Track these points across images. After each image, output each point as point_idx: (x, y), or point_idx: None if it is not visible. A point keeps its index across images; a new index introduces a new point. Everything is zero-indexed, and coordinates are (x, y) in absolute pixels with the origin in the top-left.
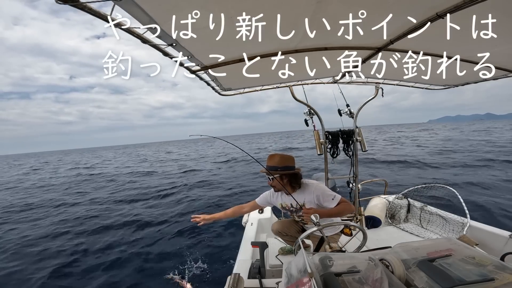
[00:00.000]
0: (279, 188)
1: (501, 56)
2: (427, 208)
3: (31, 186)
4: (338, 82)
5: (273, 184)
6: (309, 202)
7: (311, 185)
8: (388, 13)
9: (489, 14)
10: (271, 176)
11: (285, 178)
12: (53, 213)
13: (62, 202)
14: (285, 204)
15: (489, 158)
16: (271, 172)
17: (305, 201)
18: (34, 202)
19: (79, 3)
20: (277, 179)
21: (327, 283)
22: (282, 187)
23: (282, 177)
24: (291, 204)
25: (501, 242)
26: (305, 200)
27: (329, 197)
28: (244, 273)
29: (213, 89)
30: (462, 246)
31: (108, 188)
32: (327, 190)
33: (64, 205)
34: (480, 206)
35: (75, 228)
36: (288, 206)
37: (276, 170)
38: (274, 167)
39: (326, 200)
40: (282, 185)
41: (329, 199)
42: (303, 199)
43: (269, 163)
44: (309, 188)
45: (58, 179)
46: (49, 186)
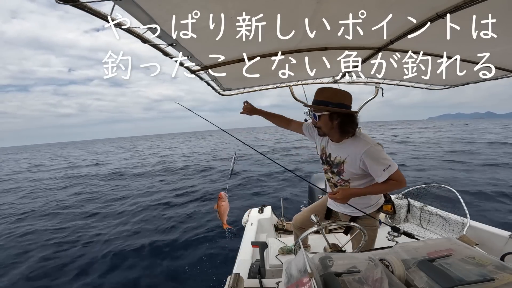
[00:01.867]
0: (325, 132)
1: (501, 56)
2: (427, 208)
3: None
4: (338, 82)
5: (318, 125)
6: (352, 162)
7: (365, 141)
8: (388, 13)
9: (489, 14)
10: (318, 113)
11: (336, 118)
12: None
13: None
14: (324, 150)
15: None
16: (319, 107)
17: (347, 158)
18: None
19: (79, 3)
20: (326, 118)
21: (327, 283)
22: (329, 130)
23: (333, 116)
24: (329, 154)
25: (501, 242)
26: (348, 156)
27: (380, 166)
28: (244, 273)
29: (213, 89)
30: (462, 246)
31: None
32: (382, 157)
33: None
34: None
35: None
36: (325, 154)
37: (326, 106)
38: (324, 102)
39: (374, 170)
40: (329, 127)
41: (379, 170)
42: (346, 154)
43: (318, 97)
44: (362, 144)
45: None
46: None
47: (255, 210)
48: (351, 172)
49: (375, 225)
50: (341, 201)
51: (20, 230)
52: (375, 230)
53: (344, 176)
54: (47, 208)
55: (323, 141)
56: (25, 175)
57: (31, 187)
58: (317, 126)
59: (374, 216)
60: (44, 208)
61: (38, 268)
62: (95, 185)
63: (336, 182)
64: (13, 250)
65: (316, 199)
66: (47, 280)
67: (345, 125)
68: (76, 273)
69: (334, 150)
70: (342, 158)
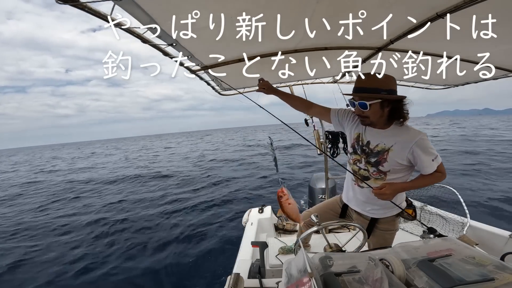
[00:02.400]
0: (373, 121)
1: (501, 56)
2: (427, 208)
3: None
4: (338, 82)
5: (366, 114)
6: (399, 150)
7: (416, 130)
8: (388, 13)
9: (489, 14)
10: (370, 102)
11: (388, 106)
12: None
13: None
14: (360, 138)
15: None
16: (369, 95)
17: (394, 146)
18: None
19: (79, 3)
20: (377, 106)
21: (327, 283)
22: (378, 119)
23: (384, 103)
24: (367, 142)
25: (501, 242)
26: (395, 144)
27: (430, 156)
28: (244, 273)
29: (213, 89)
30: (462, 246)
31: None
32: (431, 147)
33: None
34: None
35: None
36: (361, 142)
37: (378, 93)
38: (375, 89)
39: (424, 161)
40: (379, 116)
41: (429, 161)
42: (393, 141)
43: (366, 84)
44: (413, 132)
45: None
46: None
47: (255, 210)
48: (395, 162)
49: (394, 229)
50: (388, 197)
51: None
52: (393, 234)
53: (384, 167)
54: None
55: (358, 128)
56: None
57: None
58: (363, 116)
59: (394, 220)
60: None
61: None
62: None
63: (371, 174)
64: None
65: (317, 199)
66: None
67: (397, 112)
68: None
69: (376, 136)
70: (387, 146)
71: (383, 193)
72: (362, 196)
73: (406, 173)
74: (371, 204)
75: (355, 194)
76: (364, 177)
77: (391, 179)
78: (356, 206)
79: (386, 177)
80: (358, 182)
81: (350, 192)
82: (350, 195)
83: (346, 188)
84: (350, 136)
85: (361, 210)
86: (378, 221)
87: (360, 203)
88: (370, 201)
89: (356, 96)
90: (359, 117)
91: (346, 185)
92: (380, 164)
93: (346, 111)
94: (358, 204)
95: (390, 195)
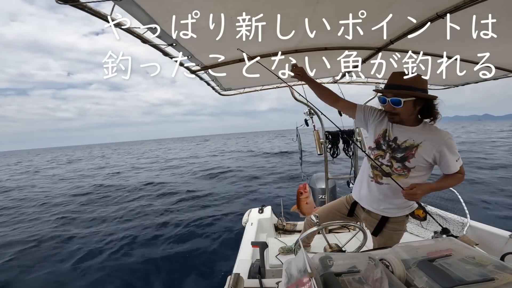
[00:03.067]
0: (402, 118)
1: (501, 56)
2: (427, 208)
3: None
4: (338, 82)
5: (397, 111)
6: (428, 147)
7: (442, 130)
8: (388, 13)
9: (489, 14)
10: (404, 99)
11: (420, 104)
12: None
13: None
14: (387, 133)
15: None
16: (404, 93)
17: (423, 143)
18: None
19: (79, 3)
20: (410, 104)
21: (327, 283)
22: (408, 116)
23: (417, 102)
24: (394, 138)
25: (501, 242)
26: (425, 141)
27: (455, 156)
28: (244, 273)
29: (213, 89)
30: (462, 246)
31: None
32: (456, 148)
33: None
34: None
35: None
36: (388, 138)
37: (413, 91)
38: (409, 87)
39: (449, 161)
40: (410, 113)
41: (453, 161)
42: (423, 138)
43: (400, 81)
44: (442, 132)
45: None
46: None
47: (255, 210)
48: (422, 159)
49: (403, 229)
50: (417, 198)
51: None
52: (400, 234)
53: (410, 163)
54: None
55: (384, 125)
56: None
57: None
58: (394, 112)
59: (404, 220)
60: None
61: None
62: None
63: (393, 170)
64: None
65: (317, 199)
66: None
67: (428, 111)
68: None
69: (405, 133)
70: (417, 142)
71: (414, 193)
72: (379, 194)
73: (427, 172)
74: (387, 202)
75: (371, 191)
76: (385, 173)
77: (414, 176)
78: (369, 204)
79: (409, 174)
80: (377, 179)
81: (364, 189)
82: (363, 193)
83: (359, 185)
84: (374, 132)
85: (373, 208)
86: (389, 220)
87: (374, 201)
88: (386, 199)
89: (389, 93)
90: (388, 114)
91: (359, 182)
92: (407, 159)
93: (372, 109)
94: (372, 202)
95: (419, 196)
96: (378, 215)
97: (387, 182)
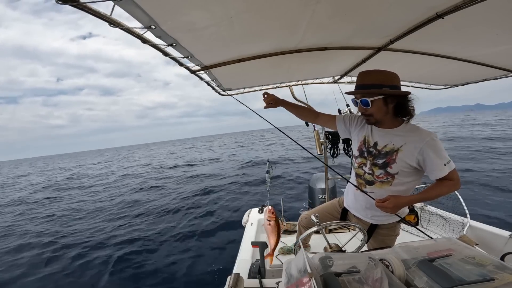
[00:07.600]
0: (377, 119)
1: (501, 56)
2: (427, 208)
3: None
4: (338, 82)
5: (369, 112)
6: (409, 150)
7: (427, 131)
8: (388, 13)
9: (489, 14)
10: (371, 98)
11: (392, 102)
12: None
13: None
14: (366, 140)
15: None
16: (371, 91)
17: (403, 146)
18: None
19: (79, 3)
20: (379, 103)
21: (327, 283)
22: (383, 116)
23: (387, 100)
24: (375, 143)
25: (501, 242)
26: (405, 144)
27: (442, 160)
28: (244, 273)
29: (213, 89)
30: (462, 246)
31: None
32: (443, 150)
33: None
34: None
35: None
36: (369, 144)
37: (379, 89)
38: (377, 85)
39: (435, 164)
40: (384, 113)
41: (440, 164)
42: (403, 141)
43: (367, 80)
44: (424, 133)
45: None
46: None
47: (255, 210)
48: (405, 163)
49: (395, 234)
50: (391, 211)
51: None
52: (393, 239)
53: (392, 169)
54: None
55: (365, 130)
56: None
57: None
58: (367, 114)
59: (395, 225)
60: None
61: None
62: None
63: (376, 178)
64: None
65: (317, 199)
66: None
67: (402, 108)
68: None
69: (384, 137)
70: (396, 146)
71: (385, 207)
72: (366, 202)
73: (415, 178)
74: (374, 210)
75: (357, 200)
76: (368, 182)
77: (400, 182)
78: (357, 212)
79: (393, 181)
80: (362, 187)
81: (351, 198)
82: (351, 201)
83: (347, 193)
84: (357, 140)
85: (362, 216)
86: (379, 226)
87: (361, 209)
88: (373, 208)
89: (357, 94)
90: (363, 116)
91: (347, 190)
92: (388, 165)
93: (353, 116)
94: (360, 210)
95: (392, 210)
96: (368, 222)
97: (371, 190)
